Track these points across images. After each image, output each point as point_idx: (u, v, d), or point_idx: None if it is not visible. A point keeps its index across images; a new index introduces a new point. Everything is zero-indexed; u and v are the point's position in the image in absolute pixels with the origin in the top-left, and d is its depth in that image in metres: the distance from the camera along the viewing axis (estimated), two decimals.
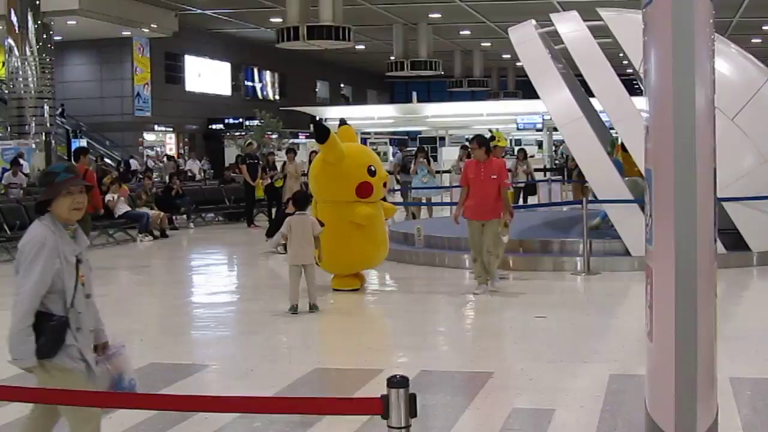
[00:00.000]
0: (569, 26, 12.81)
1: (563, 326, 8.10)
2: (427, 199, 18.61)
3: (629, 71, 20.56)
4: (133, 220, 16.37)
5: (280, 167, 18.91)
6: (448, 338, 8.11)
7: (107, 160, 29.50)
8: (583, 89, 14.05)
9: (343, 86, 51.91)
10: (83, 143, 27.83)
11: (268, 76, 42.29)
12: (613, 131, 14.52)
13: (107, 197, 15.86)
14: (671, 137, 3.34)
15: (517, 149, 19.63)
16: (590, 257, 10.86)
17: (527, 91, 29.39)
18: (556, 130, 26.03)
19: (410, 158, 19.29)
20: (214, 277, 12.67)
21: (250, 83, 41.13)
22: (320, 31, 24.24)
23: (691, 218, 3.31)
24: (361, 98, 52.09)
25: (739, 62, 12.29)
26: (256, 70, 41.23)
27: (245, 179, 18.21)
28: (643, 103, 3.78)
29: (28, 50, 23.40)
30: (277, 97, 42.49)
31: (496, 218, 9.42)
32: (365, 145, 16.59)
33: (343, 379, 6.50)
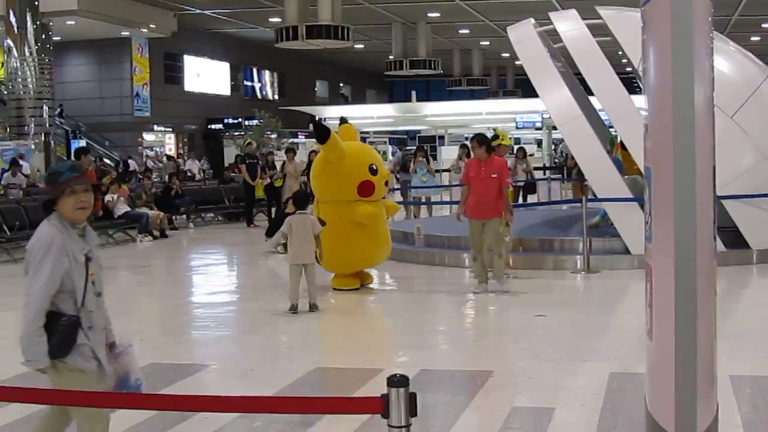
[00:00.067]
0: (568, 25, 12.80)
1: (563, 325, 8.10)
2: (426, 198, 18.59)
3: (628, 69, 20.55)
4: (132, 220, 16.37)
5: (279, 167, 18.91)
6: (448, 337, 8.11)
7: (106, 160, 29.49)
8: (582, 88, 14.04)
9: (342, 86, 51.91)
10: (82, 144, 27.84)
11: (267, 75, 42.29)
12: (612, 129, 14.52)
13: (107, 197, 15.85)
14: (670, 135, 3.34)
15: (516, 148, 19.60)
16: (590, 255, 10.87)
17: (526, 89, 29.41)
18: (555, 128, 26.02)
19: (410, 157, 19.26)
20: (213, 277, 12.67)
21: (249, 83, 41.12)
22: (319, 30, 24.25)
23: (690, 216, 3.31)
24: (360, 97, 52.10)
25: (738, 60, 12.29)
26: (255, 69, 41.23)
27: (245, 179, 18.20)
28: (642, 101, 3.78)
29: (27, 51, 23.42)
30: (276, 96, 42.48)
31: (496, 217, 9.42)
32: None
33: (343, 378, 6.50)
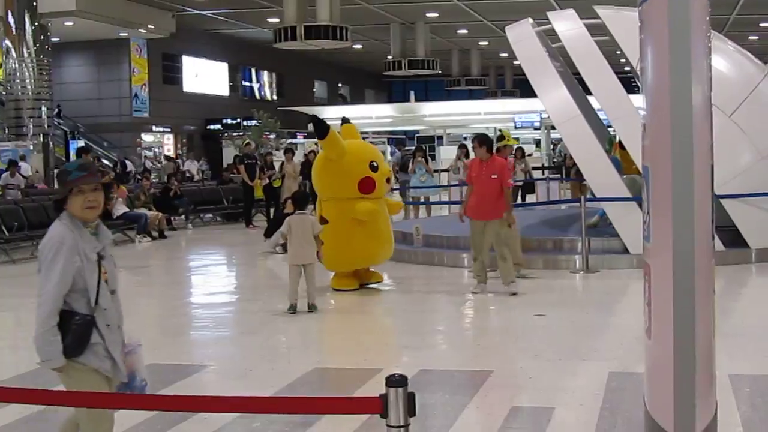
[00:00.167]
0: (566, 24, 12.81)
1: (562, 324, 8.10)
2: (425, 198, 18.60)
3: (627, 69, 20.60)
4: (131, 221, 16.37)
5: (278, 167, 18.92)
6: (447, 337, 8.10)
7: (104, 161, 29.47)
8: (580, 87, 14.05)
9: (340, 86, 51.91)
10: (81, 144, 27.83)
11: (265, 76, 42.28)
12: (610, 129, 14.52)
13: None
14: (668, 134, 3.34)
15: (515, 148, 19.60)
16: (589, 255, 10.87)
17: (525, 89, 29.41)
18: (554, 128, 26.03)
19: (410, 157, 19.27)
20: (212, 277, 12.67)
21: (247, 83, 41.12)
22: (317, 30, 24.25)
23: (688, 215, 3.31)
24: (358, 98, 52.10)
25: (736, 59, 12.30)
26: (253, 70, 41.22)
27: (243, 179, 18.21)
28: (640, 100, 3.78)
29: (25, 52, 23.40)
30: (274, 97, 42.48)
31: (496, 218, 9.39)
32: None
33: (342, 378, 6.50)
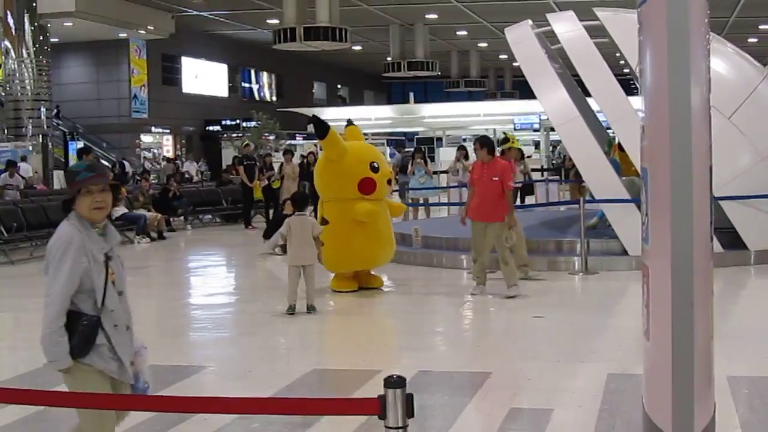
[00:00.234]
0: (566, 26, 12.81)
1: (561, 326, 8.10)
2: (424, 199, 18.61)
3: (626, 71, 20.59)
4: (130, 222, 16.36)
5: (277, 168, 18.92)
6: (446, 338, 8.10)
7: (104, 162, 29.47)
8: (579, 89, 14.06)
9: (340, 87, 51.93)
10: (80, 145, 27.81)
11: (265, 77, 42.29)
12: (610, 131, 14.53)
13: None
14: (667, 136, 3.34)
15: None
16: (588, 257, 10.88)
17: (524, 91, 29.41)
18: (553, 130, 26.07)
19: (409, 159, 19.27)
20: (211, 278, 12.67)
21: (247, 84, 41.13)
22: (317, 32, 24.25)
23: (687, 217, 3.31)
24: (358, 99, 52.11)
25: (735, 61, 12.32)
26: (252, 71, 41.24)
27: (242, 180, 18.20)
28: (639, 102, 3.79)
29: (24, 52, 23.40)
30: (274, 98, 42.50)
31: (498, 221, 9.35)
32: None
33: (341, 379, 6.50)
